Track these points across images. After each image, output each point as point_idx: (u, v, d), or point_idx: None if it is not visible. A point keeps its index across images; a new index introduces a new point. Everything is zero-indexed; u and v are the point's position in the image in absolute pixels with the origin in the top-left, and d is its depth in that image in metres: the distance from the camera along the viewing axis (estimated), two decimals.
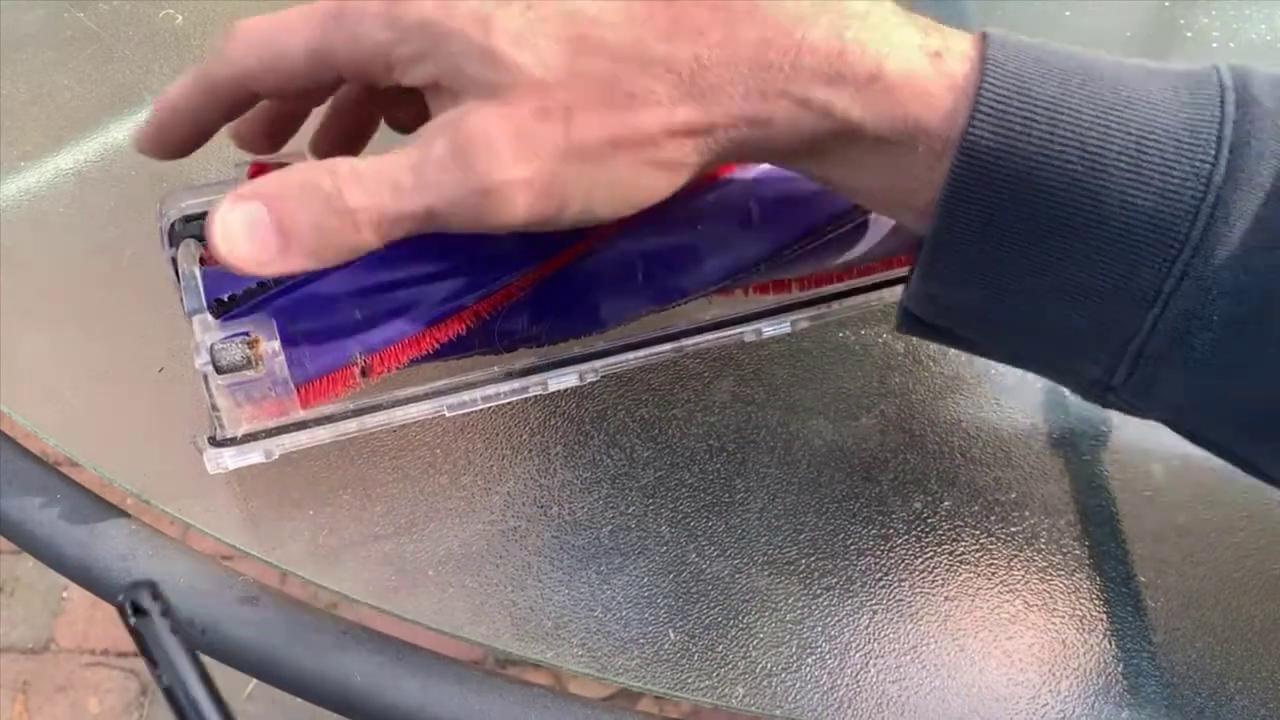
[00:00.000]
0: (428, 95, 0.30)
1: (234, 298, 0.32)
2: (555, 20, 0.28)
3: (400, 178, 0.28)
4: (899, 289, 0.38)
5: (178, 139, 0.33)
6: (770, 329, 0.37)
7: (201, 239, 0.33)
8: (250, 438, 0.34)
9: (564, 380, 0.36)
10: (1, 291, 0.43)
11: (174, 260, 0.33)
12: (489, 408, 0.36)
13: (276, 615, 0.35)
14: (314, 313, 0.32)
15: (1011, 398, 0.41)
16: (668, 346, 0.37)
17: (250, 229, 0.28)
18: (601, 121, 0.28)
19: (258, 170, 0.35)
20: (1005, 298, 0.29)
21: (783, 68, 0.28)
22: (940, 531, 0.38)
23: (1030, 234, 0.28)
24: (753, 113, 0.29)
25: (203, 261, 0.33)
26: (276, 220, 0.28)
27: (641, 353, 0.36)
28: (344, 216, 0.28)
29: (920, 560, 0.37)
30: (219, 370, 0.31)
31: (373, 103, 0.36)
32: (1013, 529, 0.38)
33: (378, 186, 0.28)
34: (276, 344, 0.32)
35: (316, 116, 0.37)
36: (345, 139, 0.37)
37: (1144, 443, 0.40)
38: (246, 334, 0.31)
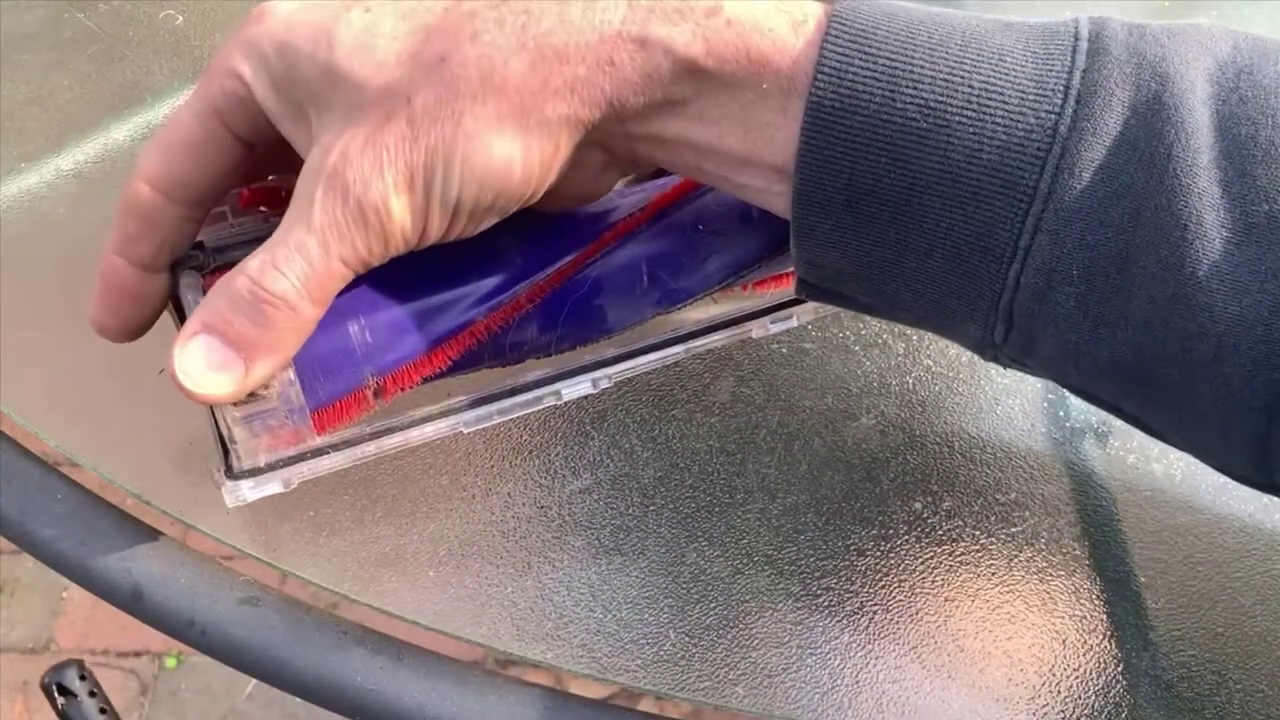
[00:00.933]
0: (299, 127, 0.30)
1: None
2: (392, 14, 0.29)
3: (304, 242, 0.29)
4: None
5: (135, 299, 0.33)
6: (776, 325, 0.37)
7: (201, 269, 0.33)
8: (268, 468, 0.33)
9: (578, 389, 0.36)
10: (1, 291, 0.43)
11: (176, 297, 0.33)
12: (505, 421, 0.36)
13: (276, 615, 0.35)
14: (325, 337, 0.32)
15: (1011, 398, 0.41)
16: (678, 348, 0.37)
17: (210, 362, 0.29)
18: (438, 98, 0.28)
19: (250, 195, 0.35)
20: (877, 261, 0.29)
21: (618, 8, 0.28)
22: (940, 531, 0.38)
23: (886, 195, 0.28)
24: (594, 58, 0.28)
25: (204, 293, 0.33)
26: (225, 341, 0.29)
27: (652, 356, 0.36)
28: (277, 304, 0.29)
29: (920, 560, 0.37)
30: (234, 403, 0.31)
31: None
32: (1013, 529, 0.38)
33: (290, 263, 0.29)
34: (291, 372, 0.31)
35: None
36: None
37: (1144, 443, 0.40)
38: None
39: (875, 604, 0.37)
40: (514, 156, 0.29)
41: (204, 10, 0.54)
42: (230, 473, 0.33)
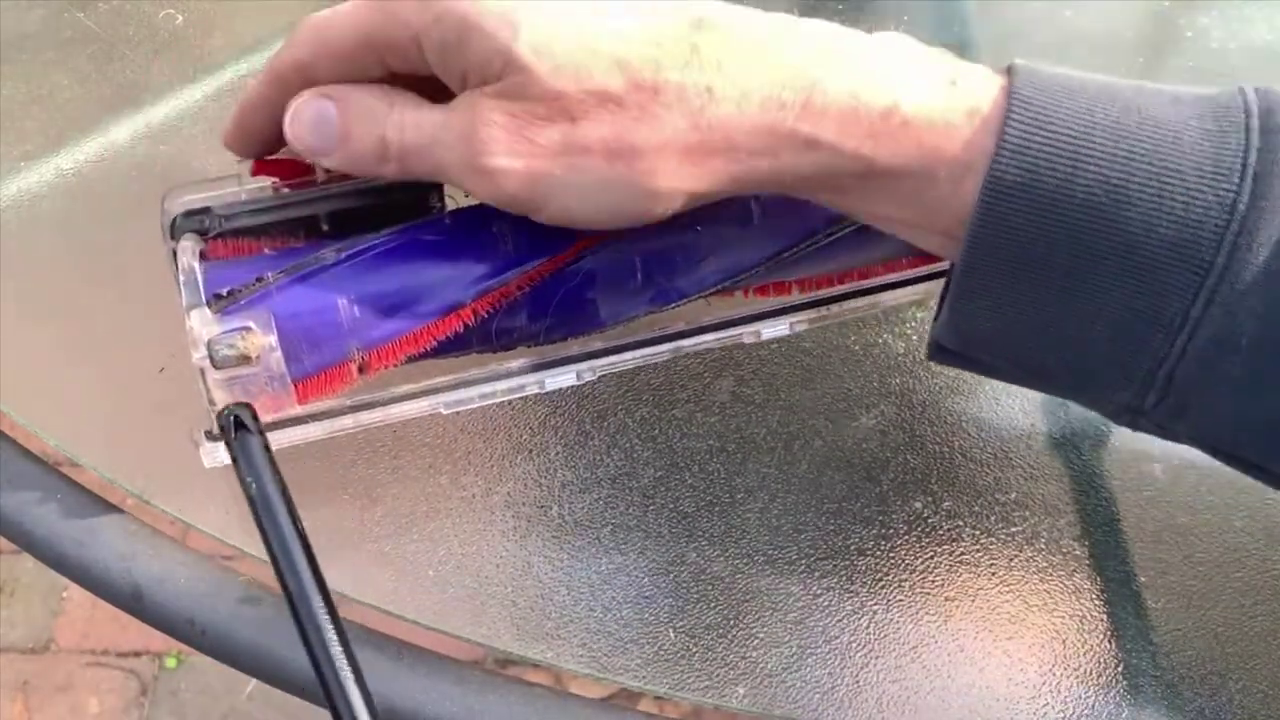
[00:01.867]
0: (452, 81, 0.32)
1: (233, 292, 0.32)
2: (578, 33, 0.29)
3: (428, 131, 0.31)
4: (899, 292, 0.38)
5: (258, 133, 0.35)
6: (769, 331, 0.37)
7: (202, 234, 0.33)
8: None
9: (561, 379, 0.36)
10: (1, 291, 0.43)
11: (175, 254, 0.33)
12: (485, 405, 0.36)
13: (276, 615, 0.35)
14: (312, 309, 0.32)
15: (1011, 398, 0.41)
16: (666, 347, 0.37)
17: (318, 122, 0.32)
18: (601, 136, 0.29)
19: (261, 168, 0.35)
20: (1033, 328, 0.30)
21: (794, 107, 0.29)
22: (940, 531, 0.38)
23: (1057, 265, 0.28)
24: (760, 146, 0.29)
25: (203, 256, 0.33)
26: (340, 123, 0.32)
27: (639, 353, 0.36)
28: (384, 143, 0.32)
29: (920, 560, 0.37)
30: (215, 365, 0.31)
31: None
32: (1013, 529, 0.38)
33: (414, 131, 0.31)
34: (273, 339, 0.32)
35: None
36: None
37: (1144, 443, 0.40)
38: (244, 329, 0.31)
39: (875, 604, 0.37)
40: (645, 210, 0.31)
41: (204, 10, 0.54)
42: (209, 434, 0.33)
